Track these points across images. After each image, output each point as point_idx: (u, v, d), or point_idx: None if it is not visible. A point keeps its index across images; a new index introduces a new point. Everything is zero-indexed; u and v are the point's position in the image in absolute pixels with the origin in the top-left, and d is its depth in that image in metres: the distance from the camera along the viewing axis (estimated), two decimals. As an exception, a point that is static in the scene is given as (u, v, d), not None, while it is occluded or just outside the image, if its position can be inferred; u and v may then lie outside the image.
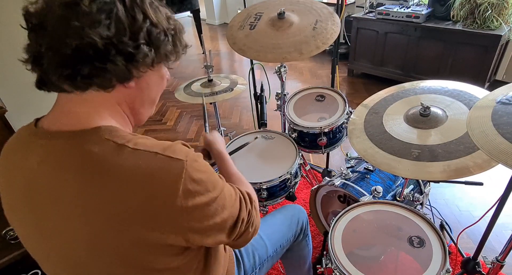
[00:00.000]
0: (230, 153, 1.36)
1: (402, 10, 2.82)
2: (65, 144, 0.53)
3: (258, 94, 1.87)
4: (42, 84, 0.55)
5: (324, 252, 1.03)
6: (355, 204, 1.12)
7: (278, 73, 1.59)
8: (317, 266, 1.03)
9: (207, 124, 1.21)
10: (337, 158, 2.30)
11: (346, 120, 1.53)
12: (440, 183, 1.86)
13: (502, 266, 1.10)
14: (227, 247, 0.88)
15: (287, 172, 1.32)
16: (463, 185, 1.91)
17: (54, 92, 0.56)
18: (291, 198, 1.41)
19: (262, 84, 1.83)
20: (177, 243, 0.55)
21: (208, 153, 0.98)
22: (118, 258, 0.54)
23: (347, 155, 1.59)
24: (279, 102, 1.69)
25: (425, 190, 1.39)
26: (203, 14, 5.48)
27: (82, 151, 0.52)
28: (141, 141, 0.54)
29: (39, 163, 0.54)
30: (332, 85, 2.00)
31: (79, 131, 0.54)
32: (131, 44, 0.52)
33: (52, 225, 0.55)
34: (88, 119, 0.55)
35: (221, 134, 1.88)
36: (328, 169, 2.04)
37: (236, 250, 0.94)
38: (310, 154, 2.31)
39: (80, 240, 0.54)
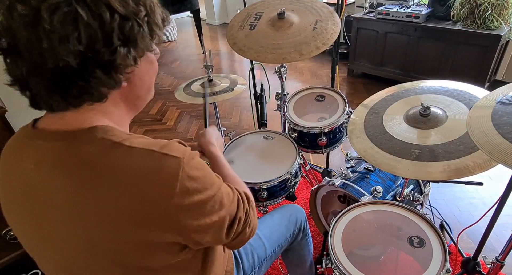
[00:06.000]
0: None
1: (402, 10, 2.82)
2: (60, 144, 0.53)
3: (258, 94, 1.87)
4: (37, 105, 0.54)
5: (324, 252, 1.03)
6: (355, 204, 1.12)
7: (278, 73, 1.59)
8: (317, 266, 1.03)
9: (207, 120, 1.11)
10: (337, 158, 2.30)
11: (346, 120, 1.53)
12: (440, 183, 1.86)
13: (502, 266, 1.10)
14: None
15: (287, 172, 1.32)
16: (463, 185, 1.91)
17: (48, 111, 0.55)
18: (291, 198, 1.41)
19: (262, 84, 1.83)
20: (175, 241, 0.55)
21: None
22: (115, 259, 0.54)
23: (347, 155, 1.59)
24: (279, 102, 1.69)
25: (425, 190, 1.39)
26: (203, 14, 5.49)
27: (76, 151, 0.52)
28: (138, 140, 0.54)
29: (36, 164, 0.54)
30: (332, 85, 2.00)
31: (75, 131, 0.53)
32: (107, 51, 0.48)
33: (49, 227, 0.55)
34: (84, 120, 0.55)
35: (221, 134, 1.88)
36: (328, 169, 2.04)
37: (235, 251, 0.94)
38: (310, 154, 2.31)
39: (76, 242, 0.53)
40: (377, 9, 2.96)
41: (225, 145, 1.50)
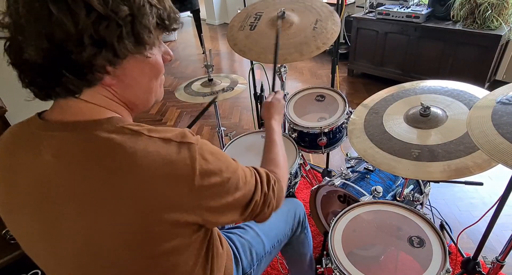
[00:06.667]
0: (195, 119, 1.21)
1: (402, 10, 2.82)
2: (82, 133, 0.53)
3: (258, 94, 1.87)
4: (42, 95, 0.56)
5: (324, 252, 1.03)
6: (355, 204, 1.12)
7: (278, 73, 1.59)
8: (317, 266, 1.03)
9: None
10: (337, 158, 2.30)
11: (346, 120, 1.53)
12: (440, 183, 1.86)
13: (502, 266, 1.10)
14: (224, 244, 0.87)
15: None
16: (463, 185, 1.91)
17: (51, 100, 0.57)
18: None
19: (262, 84, 1.83)
20: (195, 222, 0.57)
21: None
22: (139, 247, 0.54)
23: (347, 155, 1.59)
24: (279, 102, 1.69)
25: (425, 190, 1.39)
26: (203, 14, 5.49)
27: (101, 139, 0.52)
28: (153, 128, 0.55)
29: (55, 156, 0.53)
30: (332, 85, 2.00)
31: (93, 121, 0.54)
32: (75, 50, 0.47)
33: (66, 222, 0.53)
34: (94, 112, 0.55)
35: (221, 134, 1.88)
36: (328, 169, 2.04)
37: (234, 248, 0.94)
38: (310, 154, 2.31)
39: (102, 234, 0.53)
40: (377, 9, 2.96)
41: (225, 145, 1.50)
